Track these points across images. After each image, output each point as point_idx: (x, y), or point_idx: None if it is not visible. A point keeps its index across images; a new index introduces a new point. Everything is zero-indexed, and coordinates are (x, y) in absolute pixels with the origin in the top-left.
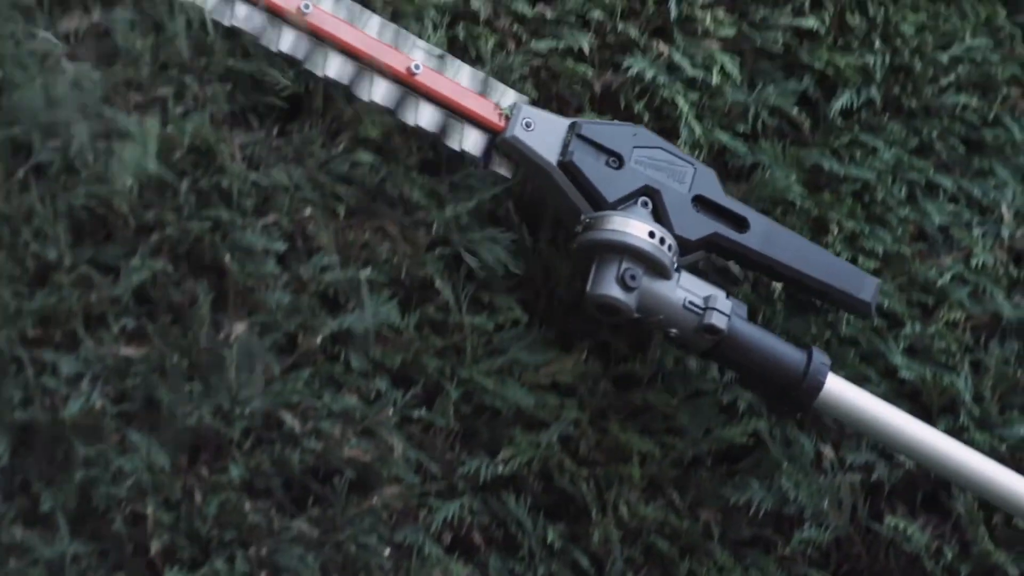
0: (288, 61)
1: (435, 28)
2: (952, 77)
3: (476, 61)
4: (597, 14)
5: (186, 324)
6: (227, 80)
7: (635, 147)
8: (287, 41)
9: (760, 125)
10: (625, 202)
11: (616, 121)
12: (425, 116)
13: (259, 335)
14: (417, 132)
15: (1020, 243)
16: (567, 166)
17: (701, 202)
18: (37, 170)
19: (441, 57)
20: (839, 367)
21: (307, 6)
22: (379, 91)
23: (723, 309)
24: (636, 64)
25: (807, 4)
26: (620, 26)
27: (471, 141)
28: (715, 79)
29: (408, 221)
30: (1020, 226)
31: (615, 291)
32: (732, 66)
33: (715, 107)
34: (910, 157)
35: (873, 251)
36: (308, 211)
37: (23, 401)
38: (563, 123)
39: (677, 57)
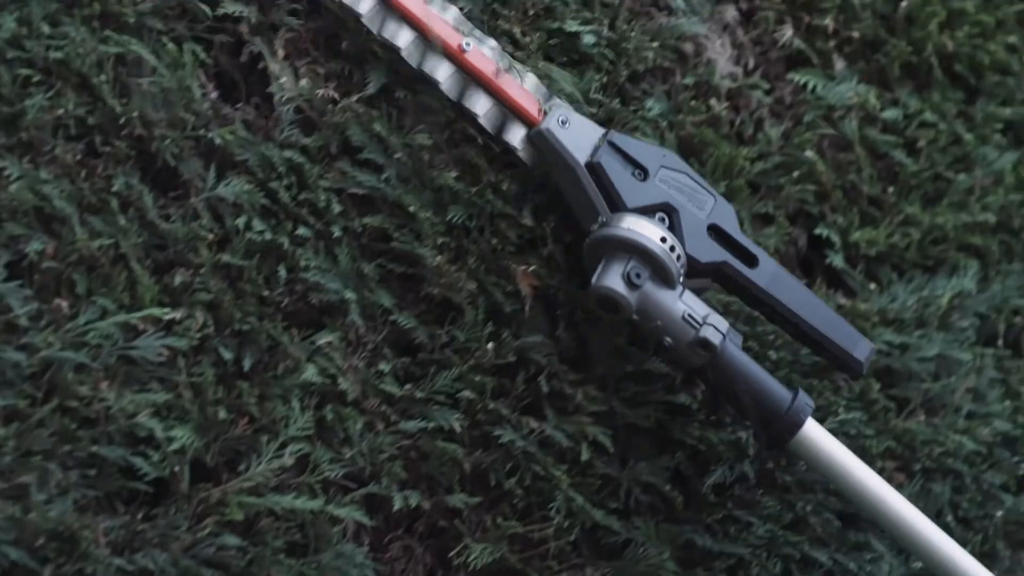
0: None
1: (303, 410)
2: None
3: (344, 443)
4: (467, 393)
5: None
6: (91, 466)
7: (662, 166)
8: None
9: (633, 501)
10: (643, 212)
11: (649, 142)
12: (469, 95)
13: None
14: (461, 111)
15: None
16: (594, 167)
17: (716, 231)
18: None
19: (493, 48)
20: None
21: None
22: (430, 64)
23: (719, 327)
24: (507, 436)
25: (678, 380)
26: (491, 404)
27: (509, 128)
28: (585, 454)
29: None
30: None
31: (619, 285)
32: (604, 441)
33: (587, 483)
34: (784, 532)
35: None
36: None
37: None
38: (597, 130)
39: (549, 430)
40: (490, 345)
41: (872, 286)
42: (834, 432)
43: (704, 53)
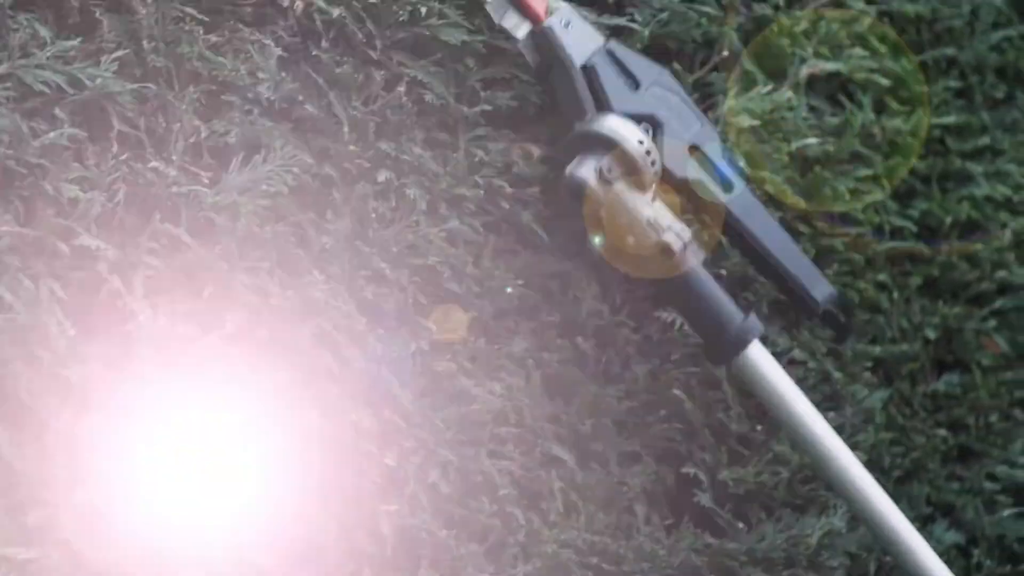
0: None
1: None
2: None
3: None
4: None
5: None
6: None
7: (655, 83)
8: None
9: None
10: (629, 119)
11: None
12: None
13: None
14: None
15: None
16: (588, 70)
17: (697, 152)
18: None
19: None
20: None
21: None
22: None
23: (682, 235)
24: None
25: None
26: None
27: (512, 20)
28: None
29: None
30: None
31: (591, 177)
32: None
33: None
34: None
35: None
36: None
37: None
38: (599, 37)
39: None
40: None
41: (740, 525)
42: None
43: (570, 290)
